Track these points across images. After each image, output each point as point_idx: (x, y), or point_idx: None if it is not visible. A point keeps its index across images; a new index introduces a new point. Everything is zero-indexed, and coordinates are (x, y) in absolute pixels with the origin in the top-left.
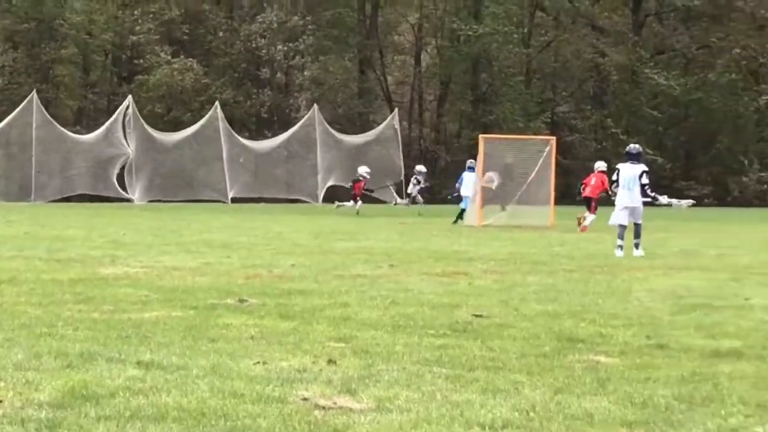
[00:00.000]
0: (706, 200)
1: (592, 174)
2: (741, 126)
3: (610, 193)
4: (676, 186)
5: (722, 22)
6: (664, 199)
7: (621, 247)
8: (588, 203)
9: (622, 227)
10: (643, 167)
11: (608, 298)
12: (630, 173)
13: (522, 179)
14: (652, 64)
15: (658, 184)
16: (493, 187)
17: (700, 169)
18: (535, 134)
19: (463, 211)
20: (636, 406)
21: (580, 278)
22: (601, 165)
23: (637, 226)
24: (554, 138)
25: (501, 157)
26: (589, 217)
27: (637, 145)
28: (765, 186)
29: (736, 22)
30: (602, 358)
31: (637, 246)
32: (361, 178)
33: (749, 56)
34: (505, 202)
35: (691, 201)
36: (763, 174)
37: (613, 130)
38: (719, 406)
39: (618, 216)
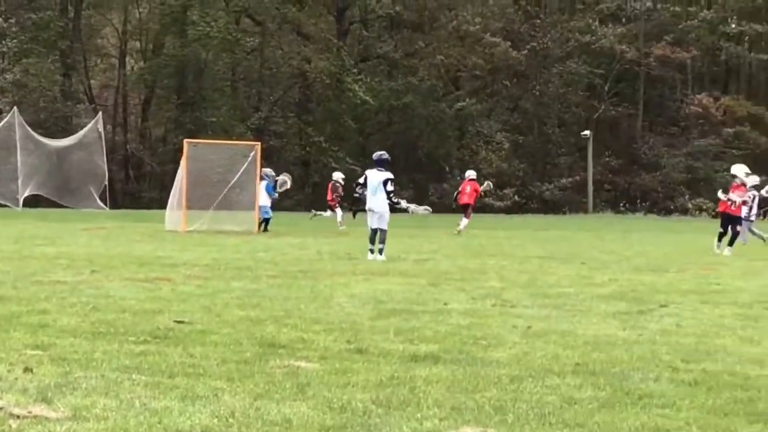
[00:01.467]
0: None
1: (464, 182)
2: (442, 132)
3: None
4: None
5: (425, 30)
6: (404, 203)
7: (372, 251)
8: (465, 209)
9: (374, 231)
10: (388, 175)
11: (310, 303)
12: (376, 179)
13: (225, 184)
14: (355, 71)
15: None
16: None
17: (403, 175)
18: (240, 140)
19: (264, 220)
20: (334, 411)
21: (284, 284)
22: (471, 173)
23: (382, 232)
24: (259, 143)
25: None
26: (464, 221)
27: (383, 153)
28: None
29: (439, 32)
30: (303, 363)
31: (381, 251)
32: (338, 185)
33: (451, 65)
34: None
35: (428, 209)
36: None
37: (316, 138)
38: (415, 409)
39: (370, 219)
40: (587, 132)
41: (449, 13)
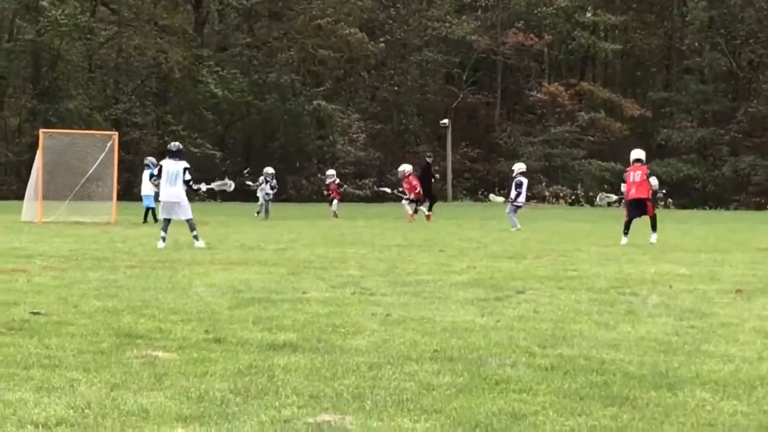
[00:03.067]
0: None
1: (411, 177)
2: (301, 124)
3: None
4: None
5: (282, 19)
6: (204, 186)
7: (164, 239)
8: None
9: (167, 221)
10: (185, 164)
11: (169, 293)
12: (173, 169)
13: (83, 175)
14: (212, 63)
15: (220, 177)
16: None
17: (261, 166)
18: (98, 129)
19: (148, 209)
20: (192, 401)
21: (142, 274)
22: (409, 168)
23: (188, 221)
24: (117, 133)
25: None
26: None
27: (177, 143)
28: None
29: (295, 21)
30: (160, 353)
31: (196, 238)
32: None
33: (308, 54)
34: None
35: (229, 183)
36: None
37: (174, 128)
38: (274, 397)
39: (164, 209)
40: (446, 120)
41: (303, 2)
